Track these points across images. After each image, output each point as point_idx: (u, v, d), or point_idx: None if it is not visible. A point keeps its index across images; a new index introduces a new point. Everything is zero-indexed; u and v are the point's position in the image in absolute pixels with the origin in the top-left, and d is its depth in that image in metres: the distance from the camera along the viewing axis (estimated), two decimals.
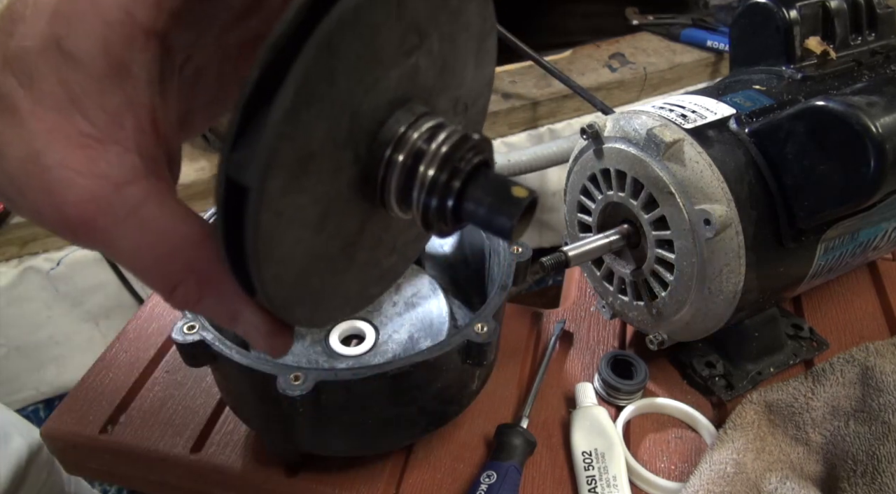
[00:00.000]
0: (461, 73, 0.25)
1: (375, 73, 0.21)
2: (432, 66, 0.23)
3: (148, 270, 0.22)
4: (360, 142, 0.22)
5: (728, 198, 0.49)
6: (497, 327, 0.45)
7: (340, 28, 0.18)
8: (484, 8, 0.24)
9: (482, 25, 0.25)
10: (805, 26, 0.58)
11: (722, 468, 0.49)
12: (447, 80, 0.24)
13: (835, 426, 0.54)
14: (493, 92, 0.88)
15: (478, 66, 0.26)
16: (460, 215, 0.22)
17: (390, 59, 0.21)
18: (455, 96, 0.25)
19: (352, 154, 0.21)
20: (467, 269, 0.61)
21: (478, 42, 0.25)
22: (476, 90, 0.26)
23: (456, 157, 0.22)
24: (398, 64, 0.21)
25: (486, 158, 0.22)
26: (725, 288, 0.51)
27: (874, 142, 0.44)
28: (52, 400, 0.91)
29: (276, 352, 0.25)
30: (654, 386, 0.60)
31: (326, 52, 0.18)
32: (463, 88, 0.25)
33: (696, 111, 0.53)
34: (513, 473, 0.50)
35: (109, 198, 0.21)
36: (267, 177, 0.18)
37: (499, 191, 0.21)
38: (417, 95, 0.23)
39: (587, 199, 0.59)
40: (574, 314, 0.68)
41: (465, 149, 0.22)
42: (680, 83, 0.99)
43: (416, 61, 0.22)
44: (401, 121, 0.22)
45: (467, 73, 0.25)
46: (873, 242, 0.60)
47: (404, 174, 0.22)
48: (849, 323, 0.67)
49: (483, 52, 0.26)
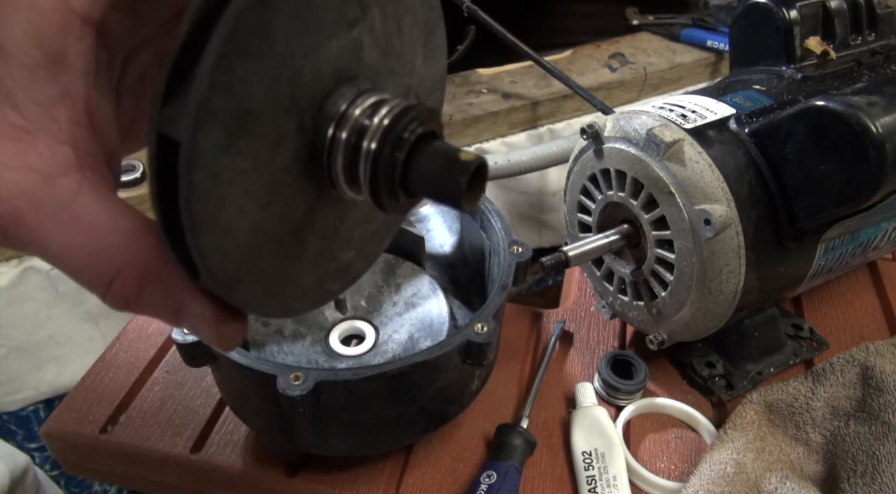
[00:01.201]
0: (409, 60, 0.25)
1: (315, 37, 0.20)
2: (376, 45, 0.23)
3: (81, 268, 0.21)
4: (305, 112, 0.21)
5: (728, 198, 0.49)
6: (497, 327, 0.45)
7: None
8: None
9: (427, 13, 0.25)
10: (805, 26, 0.58)
11: (722, 468, 0.49)
12: (393, 64, 0.24)
13: (835, 426, 0.54)
14: (493, 92, 0.88)
15: (427, 58, 0.26)
16: (409, 188, 0.22)
17: (330, 27, 0.21)
18: (406, 84, 0.25)
19: (295, 122, 0.21)
20: (467, 269, 0.61)
21: (424, 31, 0.25)
22: (428, 82, 0.26)
23: (398, 129, 0.21)
24: (339, 33, 0.21)
25: (431, 129, 0.22)
26: (725, 288, 0.51)
27: (874, 142, 0.44)
28: (52, 400, 0.91)
29: (226, 343, 0.23)
30: (654, 386, 0.60)
31: (260, 4, 0.18)
32: (414, 77, 0.25)
33: (696, 111, 0.53)
34: (513, 473, 0.50)
35: (39, 191, 0.20)
36: (199, 129, 0.18)
37: (445, 158, 0.21)
38: (364, 74, 0.23)
39: (587, 199, 0.59)
40: (574, 314, 0.68)
41: (407, 120, 0.21)
42: (680, 83, 0.99)
43: (358, 36, 0.22)
44: (345, 96, 0.22)
45: (416, 62, 0.25)
46: (873, 242, 0.60)
47: (349, 151, 0.22)
48: (849, 323, 0.67)
49: (432, 44, 0.26)
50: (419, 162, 0.21)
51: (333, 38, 0.21)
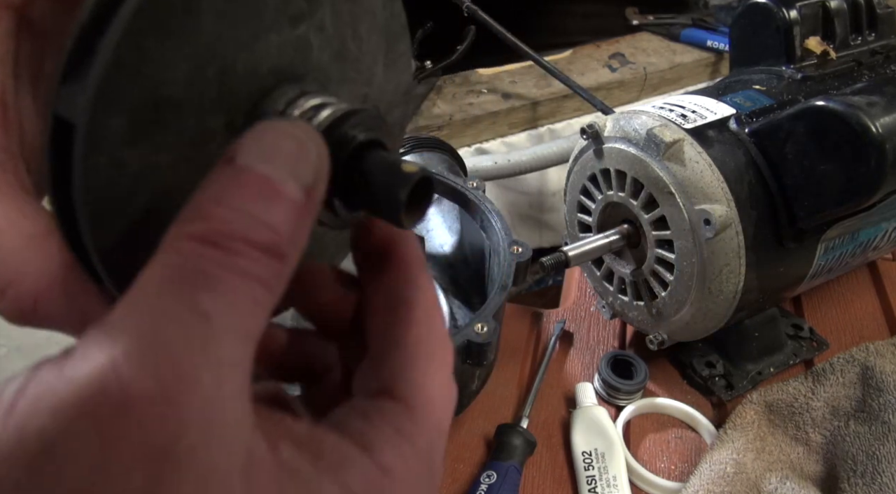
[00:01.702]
0: (368, 67, 0.23)
1: (251, 27, 0.18)
2: (327, 46, 0.21)
3: None
4: (236, 108, 0.19)
5: (728, 198, 0.49)
6: (497, 327, 0.45)
7: None
8: (389, 1, 0.22)
9: (388, 20, 0.22)
10: (805, 26, 0.58)
11: (722, 468, 0.49)
12: (347, 69, 0.22)
13: (835, 426, 0.54)
14: (493, 92, 0.87)
15: (389, 68, 0.23)
16: (346, 199, 0.20)
17: (271, 18, 0.19)
18: (362, 93, 0.23)
19: (224, 118, 0.19)
20: (467, 269, 0.61)
21: (385, 38, 0.23)
22: (389, 96, 0.24)
23: (338, 134, 0.19)
24: (281, 28, 0.19)
25: (375, 137, 0.19)
26: (725, 288, 0.51)
27: (874, 142, 0.44)
28: None
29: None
30: (654, 386, 0.60)
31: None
32: (372, 87, 0.23)
33: (696, 111, 0.53)
34: (513, 473, 0.50)
35: None
36: (98, 110, 0.16)
37: (384, 168, 0.19)
38: (312, 76, 0.21)
39: (587, 199, 0.59)
40: (574, 314, 0.68)
41: (349, 125, 0.19)
42: (680, 83, 0.99)
43: (304, 33, 0.20)
44: (286, 95, 0.20)
45: (376, 70, 0.23)
46: (873, 242, 0.60)
47: None
48: (849, 323, 0.67)
49: (395, 55, 0.23)
50: (358, 170, 0.19)
51: (273, 32, 0.19)
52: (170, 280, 0.15)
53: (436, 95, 0.86)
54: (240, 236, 0.16)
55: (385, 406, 0.19)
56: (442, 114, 0.83)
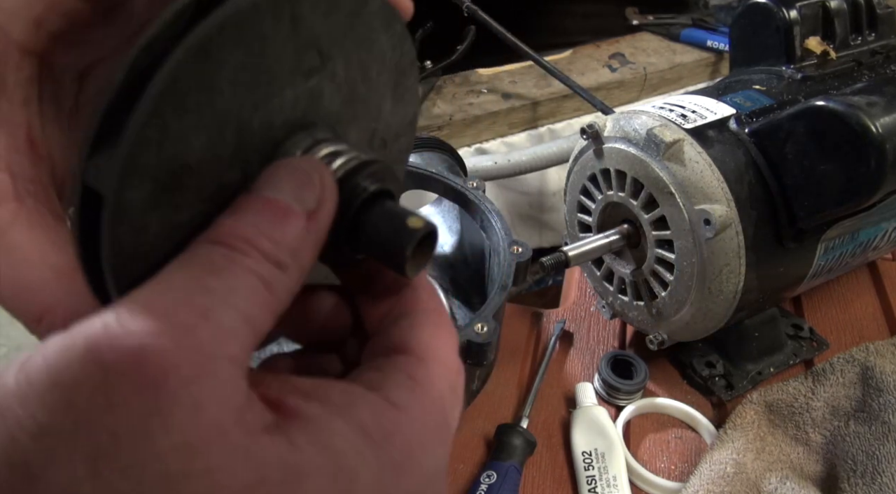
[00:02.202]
0: (376, 105, 0.23)
1: (267, 89, 0.19)
2: (338, 93, 0.22)
3: (10, 298, 0.20)
4: (251, 162, 0.20)
5: (728, 198, 0.49)
6: (497, 327, 0.45)
7: (220, 34, 0.17)
8: (399, 42, 0.23)
9: (398, 59, 0.23)
10: (805, 26, 0.58)
11: (722, 468, 0.49)
12: (357, 110, 0.23)
13: (835, 426, 0.54)
14: (493, 92, 0.88)
15: (397, 102, 0.24)
16: (354, 245, 0.21)
17: (285, 77, 0.20)
18: (370, 129, 0.24)
19: (239, 173, 0.20)
20: (467, 269, 0.61)
21: (395, 75, 0.23)
22: (395, 126, 0.25)
23: (350, 185, 0.20)
24: (295, 83, 0.20)
25: (385, 187, 0.21)
26: (725, 288, 0.51)
27: (874, 142, 0.44)
28: None
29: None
30: (654, 386, 0.60)
31: (202, 57, 0.17)
32: (380, 122, 0.24)
33: (696, 111, 0.53)
34: (513, 473, 0.50)
35: None
36: (125, 185, 0.17)
37: (393, 221, 0.20)
38: (322, 121, 0.22)
39: (587, 199, 0.59)
40: (574, 314, 0.68)
41: (361, 177, 0.20)
42: (680, 83, 0.99)
43: (317, 85, 0.21)
44: (298, 145, 0.21)
45: (384, 106, 0.24)
46: (873, 242, 0.60)
47: None
48: (849, 323, 0.67)
49: (403, 89, 0.24)
50: (367, 222, 0.20)
51: (288, 88, 0.20)
52: (180, 266, 0.17)
53: (436, 95, 0.86)
54: (245, 240, 0.17)
55: (398, 359, 0.20)
56: (442, 114, 0.83)
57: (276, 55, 0.19)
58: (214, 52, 0.17)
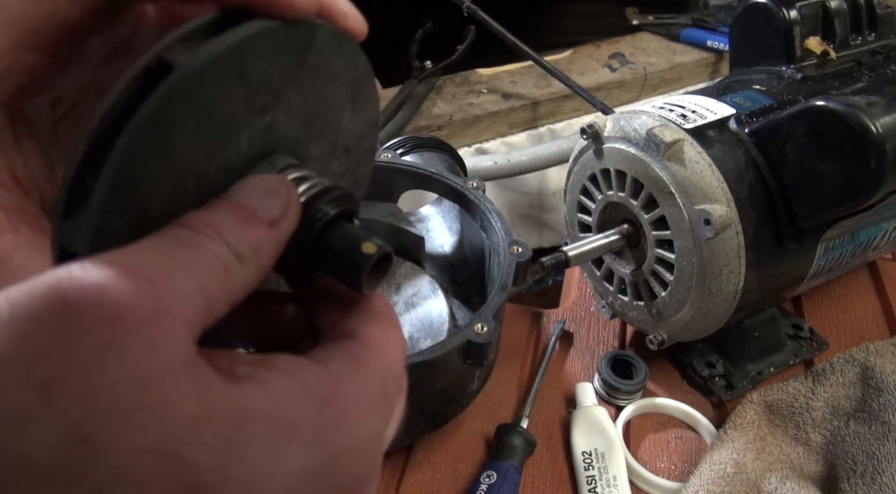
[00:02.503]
0: (335, 120, 0.24)
1: (222, 138, 0.20)
2: (294, 120, 0.22)
3: None
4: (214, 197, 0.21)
5: (728, 198, 0.49)
6: (497, 327, 0.45)
7: (169, 104, 0.18)
8: (353, 60, 0.23)
9: (354, 74, 0.24)
10: (805, 26, 0.58)
11: (722, 468, 0.49)
12: (316, 130, 0.23)
13: (835, 426, 0.54)
14: (493, 92, 0.87)
15: (356, 112, 0.25)
16: (316, 265, 0.22)
17: (239, 122, 0.20)
18: (331, 141, 0.24)
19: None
20: (467, 269, 0.61)
21: (351, 89, 0.24)
22: (357, 132, 0.26)
23: (312, 210, 0.21)
24: (250, 125, 0.21)
25: (345, 209, 0.22)
26: (725, 288, 0.51)
27: (874, 142, 0.44)
28: None
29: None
30: (654, 386, 0.60)
31: (155, 128, 0.18)
32: (341, 133, 0.25)
33: (696, 111, 0.53)
34: (513, 473, 0.50)
35: None
36: (95, 247, 0.18)
37: (351, 246, 0.21)
38: (282, 147, 0.22)
39: (587, 199, 0.59)
40: (574, 314, 0.68)
41: (323, 202, 0.21)
42: (680, 83, 0.99)
43: (272, 119, 0.21)
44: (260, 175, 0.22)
45: (343, 120, 0.24)
46: (873, 242, 0.60)
47: None
48: (849, 323, 0.67)
49: (362, 98, 0.25)
50: (327, 244, 0.21)
51: (244, 131, 0.21)
52: (149, 239, 0.18)
53: (436, 95, 0.86)
54: (211, 227, 0.19)
55: (344, 342, 0.21)
56: (442, 114, 0.83)
57: (228, 108, 0.20)
58: (166, 121, 0.18)
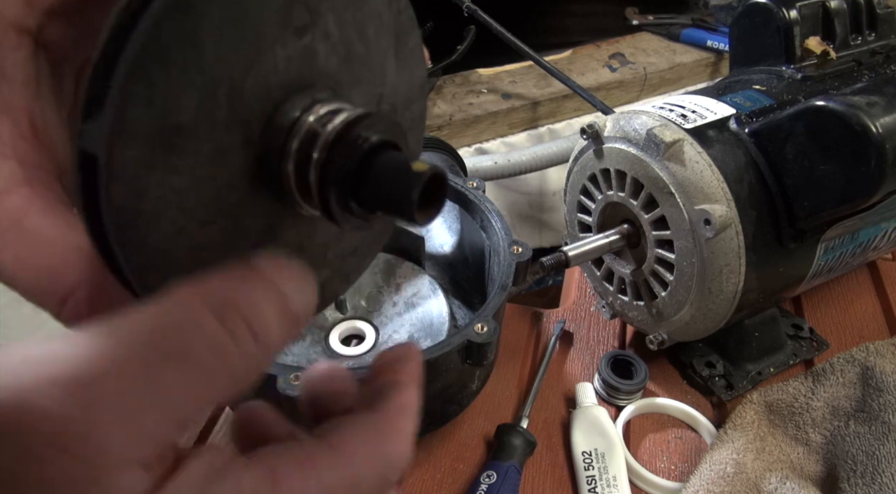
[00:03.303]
0: (379, 69, 0.23)
1: (255, 46, 0.19)
2: (334, 53, 0.21)
3: (32, 287, 0.20)
4: (251, 124, 0.20)
5: (728, 198, 0.49)
6: (497, 327, 0.45)
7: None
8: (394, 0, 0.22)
9: (396, 18, 0.23)
10: (805, 26, 0.58)
11: (722, 468, 0.49)
12: (358, 72, 0.22)
13: (835, 426, 0.54)
14: (493, 92, 0.87)
15: (402, 65, 0.24)
16: (362, 201, 0.20)
17: (274, 33, 0.19)
18: (376, 93, 0.23)
19: (240, 135, 0.20)
20: (467, 269, 0.61)
21: (394, 37, 0.23)
22: (404, 91, 0.24)
23: (351, 136, 0.20)
24: (286, 42, 0.20)
25: (388, 138, 0.20)
26: (725, 288, 0.51)
27: (874, 142, 0.44)
28: None
29: None
30: (654, 386, 0.60)
31: (182, 9, 0.17)
32: (386, 86, 0.24)
33: (696, 111, 0.53)
34: (513, 473, 0.50)
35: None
36: (116, 143, 0.17)
37: (396, 168, 0.19)
38: (321, 82, 0.21)
39: (587, 199, 0.59)
40: (574, 314, 0.68)
41: (361, 127, 0.20)
42: (680, 83, 0.99)
43: (310, 43, 0.20)
44: (297, 105, 0.20)
45: (388, 70, 0.23)
46: (873, 242, 0.60)
47: (299, 161, 0.20)
48: (849, 323, 0.67)
49: (406, 51, 0.24)
50: (370, 172, 0.20)
51: (279, 46, 0.19)
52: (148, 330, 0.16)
53: (436, 95, 0.86)
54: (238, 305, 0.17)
55: (306, 441, 0.20)
56: (442, 114, 0.83)
57: (261, 9, 0.19)
58: (194, 5, 0.17)
